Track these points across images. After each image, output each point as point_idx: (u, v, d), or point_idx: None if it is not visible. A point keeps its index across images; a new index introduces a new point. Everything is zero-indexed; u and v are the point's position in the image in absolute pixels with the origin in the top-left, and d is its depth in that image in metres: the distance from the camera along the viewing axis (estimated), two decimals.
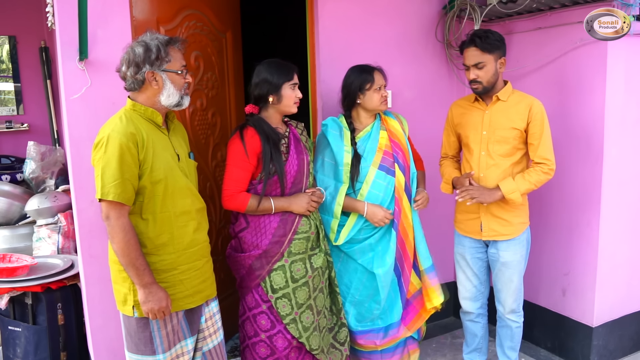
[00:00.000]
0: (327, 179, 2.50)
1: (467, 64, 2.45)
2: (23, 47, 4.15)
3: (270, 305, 2.30)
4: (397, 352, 2.65)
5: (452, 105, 2.72)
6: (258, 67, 2.30)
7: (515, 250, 2.54)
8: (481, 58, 2.39)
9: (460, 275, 2.74)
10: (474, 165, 2.54)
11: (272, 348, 2.33)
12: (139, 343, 1.95)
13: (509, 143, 2.46)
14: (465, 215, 2.63)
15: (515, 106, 2.46)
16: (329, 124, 2.54)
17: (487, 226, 2.55)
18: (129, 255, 1.82)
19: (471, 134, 2.55)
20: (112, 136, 1.80)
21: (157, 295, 1.86)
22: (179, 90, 1.94)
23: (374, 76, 2.48)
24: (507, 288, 2.59)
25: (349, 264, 2.57)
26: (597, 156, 2.73)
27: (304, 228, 2.33)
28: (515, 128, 2.44)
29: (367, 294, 2.56)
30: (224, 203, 2.27)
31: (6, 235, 3.13)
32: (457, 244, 2.73)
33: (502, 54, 2.43)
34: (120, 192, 1.80)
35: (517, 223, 2.53)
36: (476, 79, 2.43)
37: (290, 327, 2.30)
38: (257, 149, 2.23)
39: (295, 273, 2.30)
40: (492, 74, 2.42)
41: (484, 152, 2.50)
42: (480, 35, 2.40)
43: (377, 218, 2.46)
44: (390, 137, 2.55)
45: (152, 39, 1.90)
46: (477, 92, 2.48)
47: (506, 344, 2.71)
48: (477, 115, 2.54)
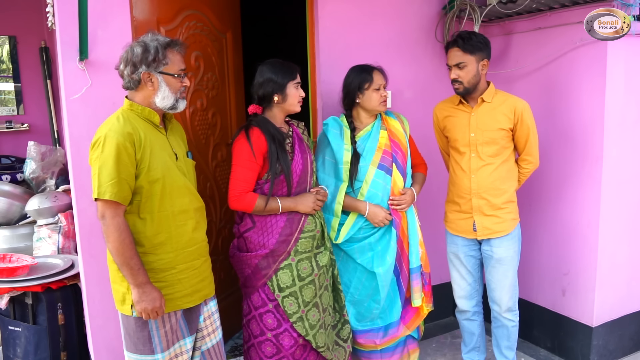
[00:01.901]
0: (328, 178, 2.51)
1: (449, 63, 2.50)
2: (23, 47, 4.15)
3: (277, 304, 2.30)
4: (397, 351, 2.66)
5: (436, 109, 2.74)
6: (261, 67, 2.30)
7: (509, 245, 2.57)
8: (462, 58, 2.43)
9: (455, 274, 2.75)
10: (464, 167, 2.56)
11: (278, 347, 2.33)
12: (137, 342, 1.95)
13: (497, 143, 2.49)
14: (457, 215, 2.64)
15: (500, 106, 2.49)
16: (329, 123, 2.55)
17: (481, 225, 2.56)
18: (123, 254, 1.82)
19: (459, 136, 2.57)
20: (109, 136, 1.80)
21: (150, 295, 1.85)
22: (174, 93, 1.93)
23: (372, 76, 2.48)
24: (502, 285, 2.60)
25: (349, 263, 2.57)
26: (597, 156, 2.73)
27: (309, 227, 2.33)
28: (502, 129, 2.48)
29: (366, 294, 2.56)
30: (231, 204, 2.27)
31: (6, 235, 3.13)
32: (450, 243, 2.74)
33: (484, 56, 2.46)
34: (117, 191, 1.80)
35: (509, 219, 2.56)
36: (457, 79, 2.47)
37: (297, 326, 2.30)
38: (263, 149, 2.24)
39: (302, 271, 2.31)
40: (473, 75, 2.45)
41: (474, 154, 2.53)
42: (464, 37, 2.45)
43: (378, 219, 2.47)
44: (390, 137, 2.56)
45: (152, 40, 1.90)
46: (458, 92, 2.52)
47: (503, 343, 2.71)
48: (463, 117, 2.56)
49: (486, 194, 2.53)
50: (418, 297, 2.58)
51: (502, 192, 2.53)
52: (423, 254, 2.61)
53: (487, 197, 2.53)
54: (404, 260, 2.57)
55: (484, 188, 2.52)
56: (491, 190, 2.52)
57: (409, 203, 2.53)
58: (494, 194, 2.52)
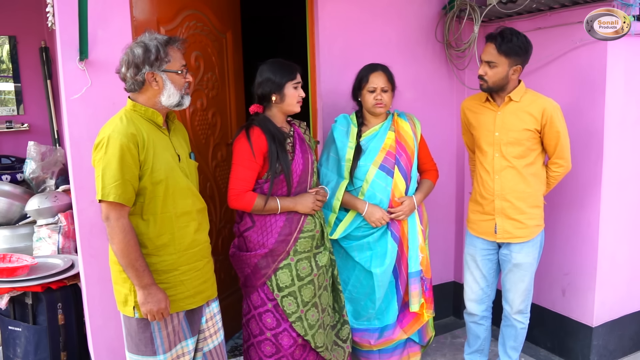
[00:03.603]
0: (331, 174, 2.52)
1: (482, 57, 2.41)
2: (23, 47, 4.15)
3: (276, 304, 2.30)
4: (396, 353, 2.66)
5: (463, 105, 2.67)
6: (261, 67, 2.30)
7: (529, 252, 2.50)
8: (495, 58, 2.35)
9: (468, 276, 2.70)
10: (488, 167, 2.49)
11: (277, 346, 2.34)
12: (139, 344, 1.94)
13: (523, 144, 2.41)
14: (480, 216, 2.59)
15: (529, 107, 2.40)
16: (338, 120, 2.57)
17: (502, 228, 2.50)
18: (128, 256, 1.82)
19: (483, 135, 2.50)
20: (113, 137, 1.80)
21: (156, 297, 1.85)
22: (180, 90, 1.94)
23: (369, 77, 2.48)
24: (516, 288, 2.56)
25: (348, 261, 2.58)
26: (597, 156, 2.73)
27: (309, 227, 2.33)
28: (527, 129, 2.39)
29: (363, 292, 2.57)
30: (230, 202, 2.27)
31: (6, 235, 3.13)
32: (469, 245, 2.68)
33: (519, 62, 2.36)
34: (121, 193, 1.79)
35: (532, 225, 2.49)
36: (483, 76, 2.40)
37: (296, 325, 2.31)
38: (263, 149, 2.24)
39: (301, 271, 2.31)
40: (501, 77, 2.37)
41: (498, 154, 2.46)
42: (505, 36, 2.33)
43: (374, 217, 2.47)
44: (397, 139, 2.54)
45: (151, 39, 1.89)
46: (481, 88, 2.46)
47: (509, 343, 2.69)
48: (489, 116, 2.49)
49: (510, 196, 2.45)
50: (416, 303, 2.56)
51: (528, 196, 2.45)
52: (424, 259, 2.57)
53: (511, 199, 2.45)
54: (404, 263, 2.56)
55: (507, 190, 2.45)
56: (515, 192, 2.45)
57: (406, 213, 2.51)
58: (518, 197, 2.45)
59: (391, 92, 2.52)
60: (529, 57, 2.42)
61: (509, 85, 2.42)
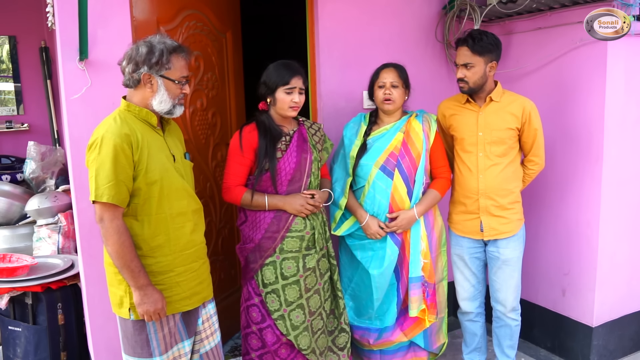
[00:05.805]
0: (339, 170, 2.55)
1: (457, 62, 2.49)
2: (23, 47, 4.14)
3: (262, 299, 2.33)
4: (398, 355, 2.66)
5: (441, 106, 2.70)
6: (268, 67, 2.33)
7: (515, 246, 2.56)
8: (471, 59, 2.41)
9: (459, 276, 2.72)
10: (471, 166, 2.54)
11: (262, 341, 2.36)
12: (135, 346, 1.93)
13: (505, 143, 2.49)
14: (463, 216, 2.62)
15: (509, 106, 2.48)
16: (354, 119, 2.61)
17: (488, 225, 2.55)
18: (123, 257, 1.80)
19: (466, 135, 2.54)
20: (106, 137, 1.78)
21: (152, 297, 1.84)
22: (173, 99, 1.91)
23: (380, 73, 2.50)
24: (507, 286, 2.59)
25: (353, 258, 2.61)
26: (597, 156, 2.73)
27: (298, 227, 2.33)
28: (510, 128, 2.47)
29: (365, 291, 2.58)
30: (222, 195, 2.36)
31: (6, 235, 3.13)
32: (455, 245, 2.70)
33: (493, 57, 2.44)
34: (115, 193, 1.78)
35: (515, 220, 2.56)
36: (463, 79, 2.45)
37: (279, 323, 2.32)
38: (254, 144, 2.27)
39: (286, 270, 2.32)
40: (480, 76, 2.43)
41: (482, 154, 2.51)
42: (474, 37, 2.41)
43: (370, 231, 2.50)
44: (405, 140, 2.52)
45: (160, 42, 1.87)
46: (463, 91, 2.51)
47: (505, 343, 2.70)
48: (471, 116, 2.54)
49: (493, 194, 2.51)
50: (415, 308, 2.53)
51: (509, 193, 2.52)
52: (427, 265, 2.55)
53: (495, 197, 2.51)
54: (405, 267, 2.55)
55: (491, 188, 2.51)
56: (498, 190, 2.51)
57: (403, 227, 2.49)
58: (501, 194, 2.51)
59: (402, 89, 2.51)
60: (500, 52, 2.49)
61: (488, 84, 2.49)
